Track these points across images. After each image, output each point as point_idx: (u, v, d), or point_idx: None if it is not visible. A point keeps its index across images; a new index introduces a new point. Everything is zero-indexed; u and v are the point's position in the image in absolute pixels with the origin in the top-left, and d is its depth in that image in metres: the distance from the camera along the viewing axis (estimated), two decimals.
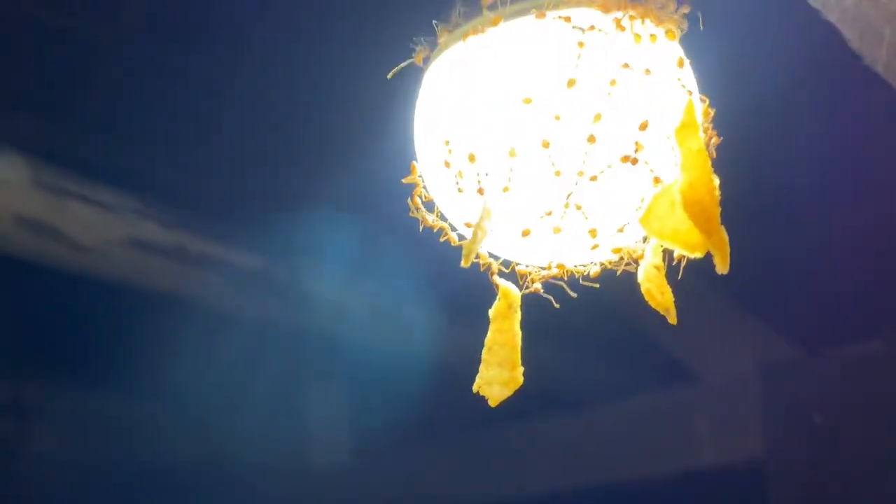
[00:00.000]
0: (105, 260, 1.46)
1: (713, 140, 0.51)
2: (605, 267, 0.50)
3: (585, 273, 0.50)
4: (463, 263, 0.44)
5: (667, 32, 0.47)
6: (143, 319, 1.78)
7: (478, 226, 0.43)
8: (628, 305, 2.11)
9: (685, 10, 0.48)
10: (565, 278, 0.50)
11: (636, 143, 0.45)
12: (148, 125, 1.59)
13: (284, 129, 1.54)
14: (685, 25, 0.48)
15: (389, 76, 0.46)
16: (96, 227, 1.43)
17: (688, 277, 1.75)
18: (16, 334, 1.88)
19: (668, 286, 0.47)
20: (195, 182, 1.63)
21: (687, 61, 0.48)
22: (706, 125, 0.50)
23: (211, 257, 1.57)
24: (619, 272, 0.48)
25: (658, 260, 0.48)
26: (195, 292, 1.59)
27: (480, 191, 0.46)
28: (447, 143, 0.46)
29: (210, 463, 2.31)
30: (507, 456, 2.37)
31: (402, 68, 0.46)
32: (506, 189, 0.45)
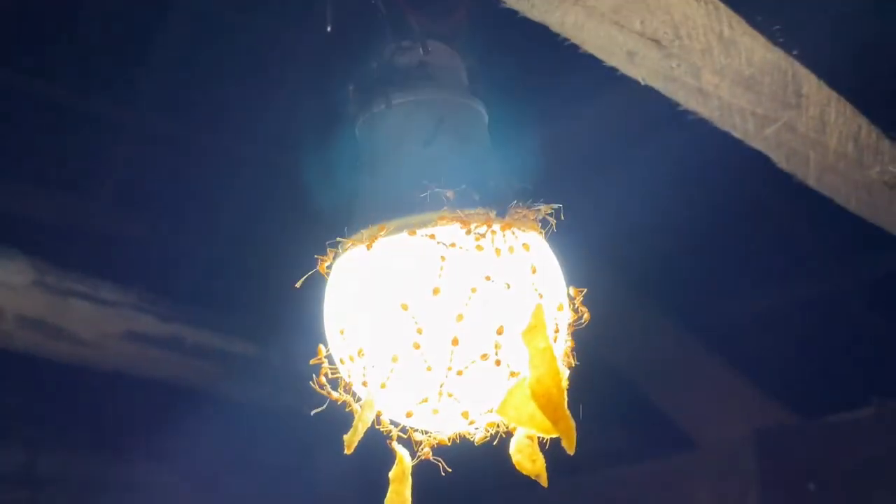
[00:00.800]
0: (106, 353, 1.55)
1: (585, 316, 0.58)
2: (488, 435, 0.57)
3: (472, 438, 0.57)
4: (346, 451, 0.51)
5: (523, 245, 0.54)
6: (144, 405, 1.86)
7: (359, 418, 0.50)
8: (624, 373, 2.16)
9: (548, 210, 0.56)
10: (458, 442, 0.57)
11: (495, 343, 0.52)
12: (147, 225, 1.69)
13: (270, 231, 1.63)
14: (551, 223, 0.56)
15: (297, 285, 0.54)
16: (96, 322, 1.52)
17: (687, 343, 1.79)
18: (25, 416, 1.96)
19: (540, 454, 0.53)
20: (190, 277, 1.71)
21: (544, 263, 0.56)
22: (578, 304, 0.57)
23: (206, 347, 1.65)
24: (496, 441, 0.55)
25: (530, 432, 0.55)
26: (192, 379, 1.67)
27: (364, 383, 0.53)
28: (342, 332, 0.54)
29: None
30: None
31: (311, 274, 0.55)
32: (383, 385, 0.52)
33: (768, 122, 0.95)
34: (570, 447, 0.50)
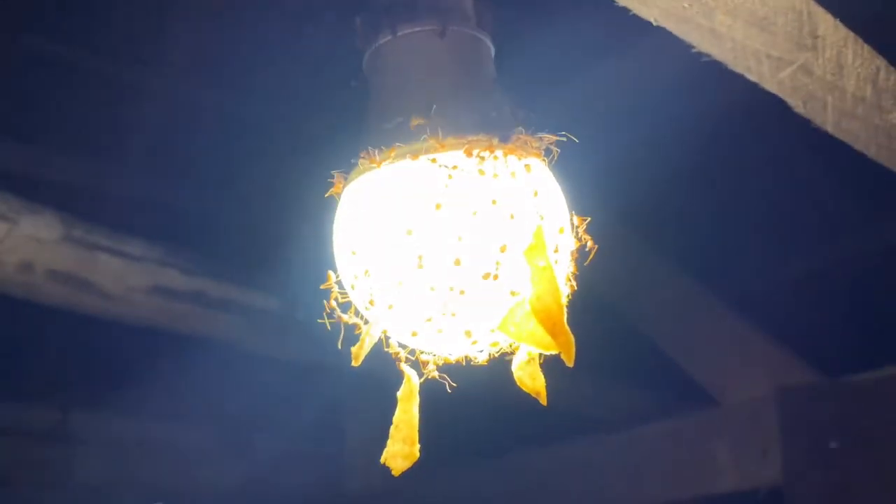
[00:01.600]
0: (132, 307, 1.59)
1: (589, 245, 0.59)
2: (492, 356, 0.58)
3: (475, 360, 0.59)
4: (353, 363, 0.53)
5: (525, 167, 0.55)
6: (171, 357, 1.90)
7: (366, 332, 0.52)
8: (645, 330, 2.17)
9: (551, 139, 0.57)
10: (462, 364, 0.59)
11: (496, 261, 0.54)
12: (172, 184, 1.72)
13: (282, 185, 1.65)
14: (554, 152, 0.57)
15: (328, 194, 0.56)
16: (123, 276, 1.56)
17: (710, 301, 1.80)
18: (55, 370, 2.01)
19: (541, 373, 0.55)
20: (214, 231, 1.74)
21: (546, 188, 0.57)
22: (582, 232, 0.58)
23: (230, 300, 1.68)
24: (507, 357, 0.57)
25: (533, 349, 0.56)
26: (216, 333, 1.70)
27: (371, 302, 0.55)
28: (354, 253, 0.56)
29: (250, 483, 2.42)
30: (529, 480, 2.43)
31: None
32: (390, 307, 0.54)
33: (783, 64, 0.95)
34: (569, 360, 0.52)
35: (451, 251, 0.53)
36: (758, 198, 1.89)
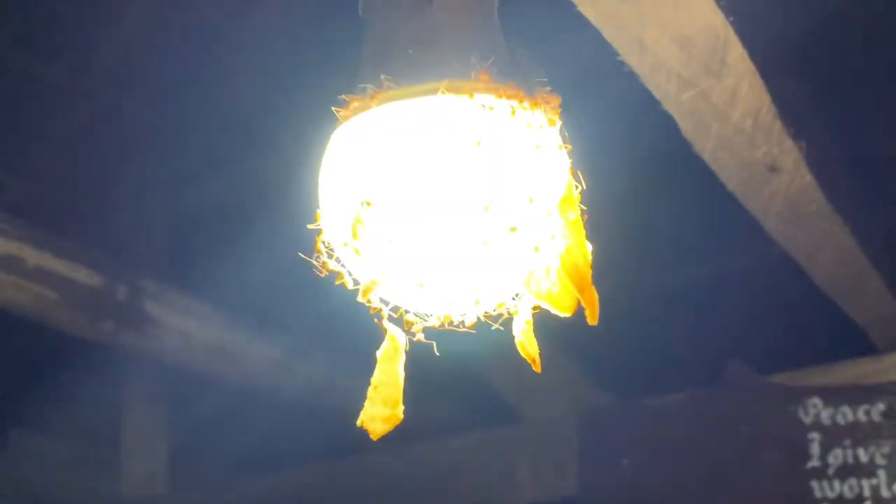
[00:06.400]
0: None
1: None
2: (480, 320, 0.55)
3: (462, 323, 0.56)
4: (362, 298, 0.48)
5: (549, 121, 0.54)
6: None
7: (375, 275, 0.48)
8: (471, 353, 2.20)
9: (557, 101, 0.56)
10: (446, 327, 0.55)
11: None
12: None
13: None
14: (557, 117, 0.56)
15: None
16: None
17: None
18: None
19: (535, 339, 0.53)
20: None
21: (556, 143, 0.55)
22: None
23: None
24: (494, 326, 0.54)
25: (528, 316, 0.54)
26: None
27: (390, 241, 0.50)
28: (358, 189, 0.51)
29: None
30: (333, 489, 2.38)
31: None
32: (390, 240, 0.50)
33: (688, 86, 1.00)
34: (592, 318, 0.51)
35: (482, 196, 0.50)
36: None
